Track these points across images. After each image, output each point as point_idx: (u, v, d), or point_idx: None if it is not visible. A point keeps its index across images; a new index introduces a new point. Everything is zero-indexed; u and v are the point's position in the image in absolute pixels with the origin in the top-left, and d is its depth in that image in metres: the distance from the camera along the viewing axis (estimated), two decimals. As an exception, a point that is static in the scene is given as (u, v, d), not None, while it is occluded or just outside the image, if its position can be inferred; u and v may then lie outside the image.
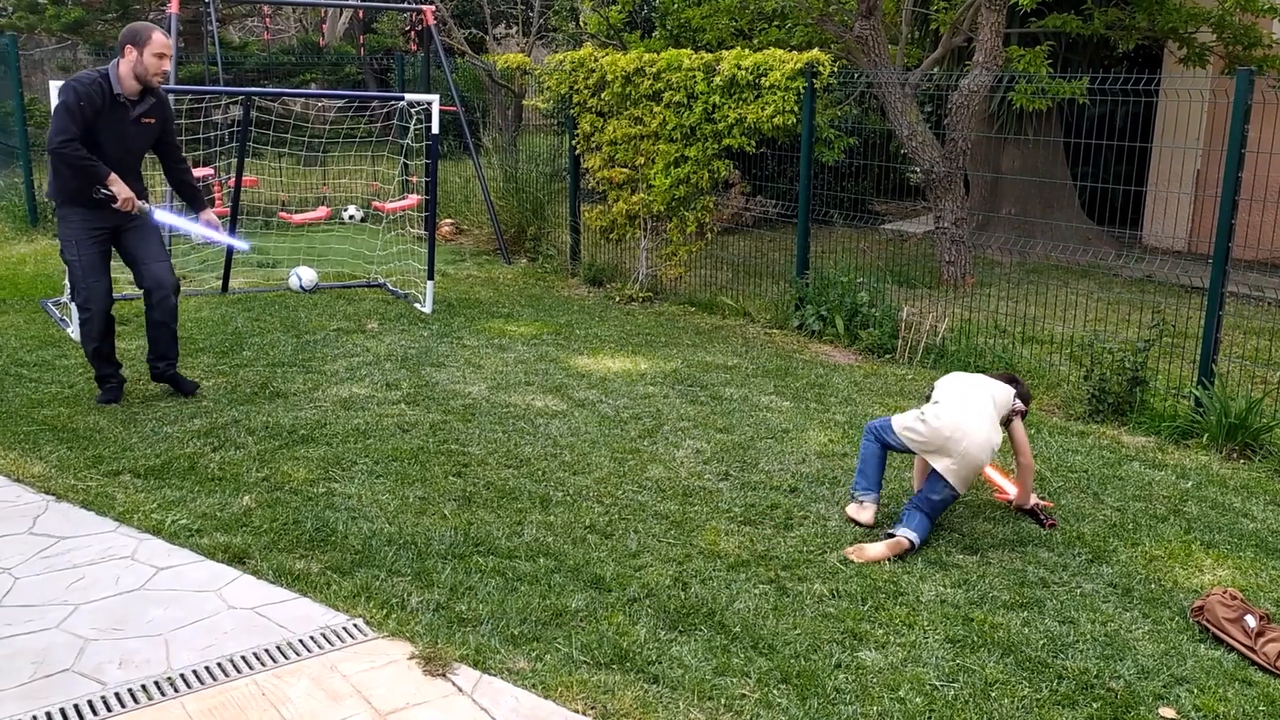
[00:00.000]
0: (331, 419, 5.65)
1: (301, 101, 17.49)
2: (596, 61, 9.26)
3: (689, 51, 8.58)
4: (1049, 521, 4.57)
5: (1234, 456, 5.52)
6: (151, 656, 3.45)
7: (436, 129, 8.10)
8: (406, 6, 13.59)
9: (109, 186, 5.46)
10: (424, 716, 3.17)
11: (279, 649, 3.50)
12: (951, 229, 9.39)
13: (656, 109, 8.67)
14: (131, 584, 3.90)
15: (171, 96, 7.09)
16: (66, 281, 7.03)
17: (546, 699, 3.25)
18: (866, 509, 4.53)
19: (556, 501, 4.69)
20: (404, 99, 9.04)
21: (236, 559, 4.07)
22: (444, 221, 11.74)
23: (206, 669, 3.39)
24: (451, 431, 5.52)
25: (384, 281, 9.13)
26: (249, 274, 9.47)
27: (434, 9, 12.28)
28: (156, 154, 5.95)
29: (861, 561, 4.18)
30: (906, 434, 4.43)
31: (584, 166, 9.74)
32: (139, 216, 5.70)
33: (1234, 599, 3.78)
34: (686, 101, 8.41)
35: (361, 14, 20.14)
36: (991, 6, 8.84)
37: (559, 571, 4.03)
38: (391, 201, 11.73)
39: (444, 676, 3.36)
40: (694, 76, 8.30)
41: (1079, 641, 3.67)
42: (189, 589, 3.87)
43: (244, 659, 3.45)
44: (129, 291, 7.67)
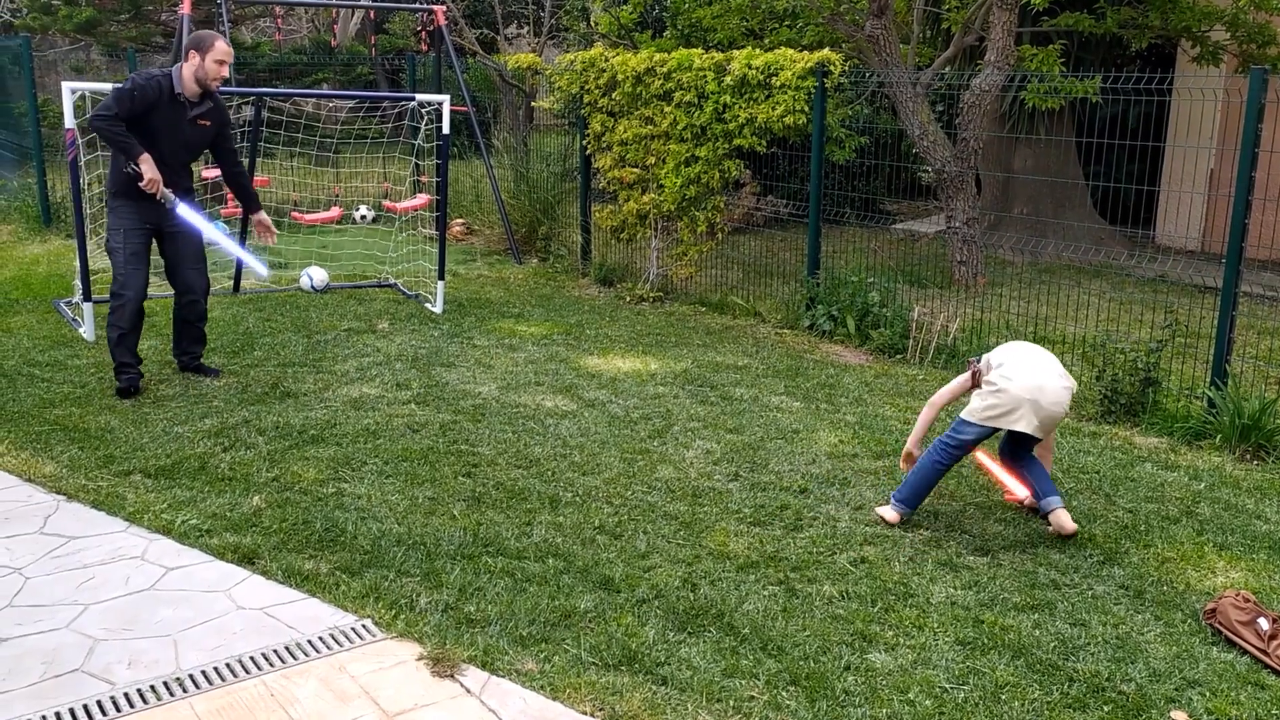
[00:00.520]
0: (342, 419, 5.66)
1: (313, 102, 17.55)
2: (607, 61, 9.26)
3: (700, 51, 8.57)
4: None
5: (1247, 458, 5.48)
6: (160, 657, 3.46)
7: (448, 129, 8.10)
8: (418, 7, 13.62)
9: (139, 164, 5.71)
10: (432, 717, 3.17)
11: (288, 649, 3.51)
12: (963, 229, 9.35)
13: (667, 109, 8.66)
14: (141, 584, 3.91)
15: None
16: (78, 281, 7.08)
17: (555, 700, 3.25)
18: (896, 515, 4.55)
19: (566, 502, 4.69)
20: (415, 99, 9.06)
21: (246, 559, 4.08)
22: (455, 221, 11.74)
23: (215, 669, 3.39)
24: (461, 432, 5.53)
25: (395, 282, 9.14)
26: (260, 274, 9.49)
27: (445, 9, 12.30)
28: (214, 155, 6.36)
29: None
30: (988, 413, 4.36)
31: (595, 166, 9.73)
32: (182, 220, 6.01)
33: (1247, 601, 3.75)
34: (697, 101, 8.40)
35: (373, 14, 20.19)
36: (1003, 5, 8.80)
37: (568, 572, 4.03)
38: (403, 201, 11.75)
39: (452, 677, 3.36)
40: (705, 76, 8.29)
41: (1090, 644, 3.65)
42: (198, 589, 3.88)
43: (253, 659, 3.46)
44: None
